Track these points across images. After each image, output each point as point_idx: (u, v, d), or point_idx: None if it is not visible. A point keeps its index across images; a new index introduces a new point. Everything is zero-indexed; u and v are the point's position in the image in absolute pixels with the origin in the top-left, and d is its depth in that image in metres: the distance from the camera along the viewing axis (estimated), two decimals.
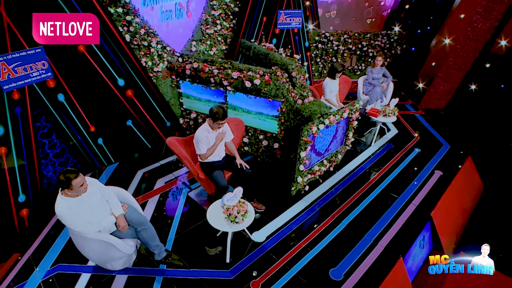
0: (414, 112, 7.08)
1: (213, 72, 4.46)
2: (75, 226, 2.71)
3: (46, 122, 4.44)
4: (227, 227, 3.20)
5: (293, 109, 4.12)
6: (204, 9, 6.04)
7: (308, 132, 3.58)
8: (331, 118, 3.76)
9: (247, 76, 4.20)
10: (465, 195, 5.08)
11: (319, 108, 3.93)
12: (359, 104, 4.31)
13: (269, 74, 4.13)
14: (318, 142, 3.93)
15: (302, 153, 3.69)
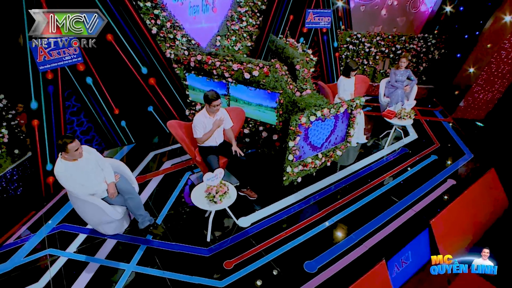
0: (442, 119, 6.68)
1: (216, 65, 4.69)
2: (69, 186, 3.10)
3: (76, 102, 5.00)
4: (206, 206, 3.39)
5: (291, 101, 4.20)
6: (231, 5, 6.30)
7: (297, 122, 3.64)
8: (324, 111, 3.78)
9: (246, 68, 4.37)
10: (481, 208, 4.73)
11: (315, 100, 3.96)
12: (360, 101, 4.25)
13: (268, 67, 4.26)
14: (312, 135, 3.96)
15: (291, 142, 3.76)
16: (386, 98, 6.11)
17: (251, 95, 4.54)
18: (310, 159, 4.10)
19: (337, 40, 7.56)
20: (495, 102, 7.14)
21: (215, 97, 3.78)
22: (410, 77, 6.05)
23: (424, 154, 5.34)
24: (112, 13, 4.77)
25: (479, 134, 6.27)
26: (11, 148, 4.64)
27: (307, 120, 3.69)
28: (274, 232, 3.78)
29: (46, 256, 3.43)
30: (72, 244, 3.56)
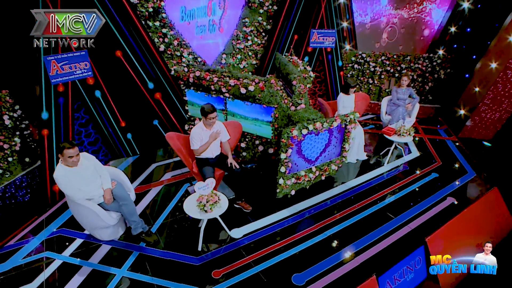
0: (446, 137, 6.61)
1: (213, 80, 4.88)
2: (66, 190, 3.26)
3: (85, 114, 5.26)
4: (197, 215, 3.48)
5: (286, 115, 4.31)
6: (237, 26, 6.58)
7: (289, 135, 3.73)
8: (317, 125, 3.86)
9: (243, 83, 4.54)
10: (483, 228, 4.60)
11: (309, 115, 4.06)
12: (355, 116, 4.31)
13: (263, 82, 4.41)
14: (306, 148, 4.03)
15: (283, 154, 3.83)
16: (387, 115, 6.14)
17: (248, 109, 4.68)
18: (303, 172, 4.15)
19: (342, 59, 7.69)
20: (503, 122, 7.04)
21: (211, 110, 3.93)
22: (412, 95, 6.08)
23: (425, 172, 5.29)
24: (122, 31, 5.08)
25: (485, 153, 6.16)
26: (23, 156, 4.89)
27: (299, 133, 3.77)
28: (265, 244, 3.81)
29: (42, 258, 3.55)
30: (69, 248, 3.68)
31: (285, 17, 6.66)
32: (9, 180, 4.67)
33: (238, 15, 6.51)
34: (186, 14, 5.84)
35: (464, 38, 7.28)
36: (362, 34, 7.95)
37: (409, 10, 7.74)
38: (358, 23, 7.78)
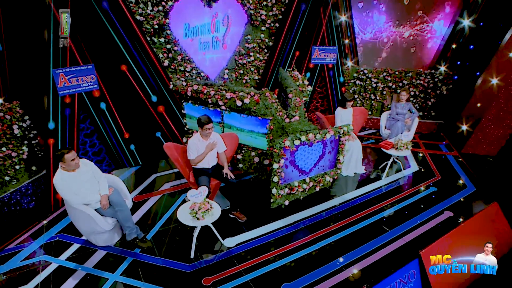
0: (446, 152, 6.58)
1: (210, 94, 5.04)
2: (63, 194, 3.40)
3: (90, 125, 5.48)
4: (190, 222, 3.56)
5: (280, 127, 4.41)
6: (239, 42, 6.81)
7: (281, 145, 3.82)
8: (309, 136, 3.94)
9: (238, 96, 4.68)
10: (482, 243, 4.52)
11: (302, 126, 4.15)
12: (348, 128, 4.38)
13: (258, 95, 4.55)
14: (299, 159, 4.11)
15: (275, 165, 3.91)
16: (387, 130, 6.18)
17: (243, 122, 4.81)
18: (296, 183, 4.21)
19: (343, 75, 7.82)
20: (507, 138, 6.97)
21: (207, 121, 4.07)
22: (411, 110, 6.12)
23: (423, 186, 5.27)
24: (128, 47, 5.34)
25: (487, 169, 6.10)
26: (30, 165, 5.09)
27: (291, 144, 3.86)
28: (257, 253, 3.84)
29: (40, 261, 3.67)
30: (66, 252, 3.79)
31: (286, 34, 6.86)
32: (15, 187, 4.85)
33: (241, 32, 6.74)
34: (190, 31, 6.09)
35: (466, 55, 7.33)
36: (364, 50, 8.09)
37: (410, 28, 7.88)
38: (359, 40, 7.93)
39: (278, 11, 6.79)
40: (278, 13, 6.80)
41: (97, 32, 5.01)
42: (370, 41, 7.98)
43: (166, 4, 5.65)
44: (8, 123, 4.70)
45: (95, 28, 4.96)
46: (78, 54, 4.93)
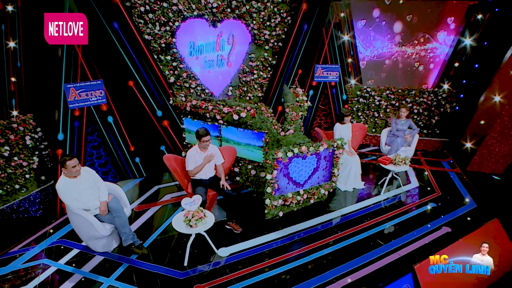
0: (449, 169, 6.54)
1: (209, 108, 5.23)
2: (65, 199, 3.59)
3: (97, 137, 5.74)
4: (183, 229, 3.67)
5: (275, 140, 4.54)
6: (243, 60, 7.07)
7: (274, 157, 3.94)
8: (302, 148, 4.05)
9: (235, 110, 4.86)
10: None
11: (296, 139, 4.27)
12: (342, 142, 4.47)
13: (254, 109, 4.72)
14: (293, 171, 4.20)
15: (268, 175, 4.02)
16: (387, 146, 6.22)
17: (240, 135, 4.98)
18: (290, 194, 4.28)
19: (346, 93, 7.96)
20: None
21: (205, 133, 4.24)
22: (411, 126, 6.17)
23: (422, 202, 5.24)
24: (135, 64, 5.64)
25: (492, 187, 6.02)
26: (39, 175, 5.34)
27: (284, 155, 3.97)
28: (250, 263, 3.89)
29: (40, 265, 3.82)
30: (65, 257, 3.94)
31: (289, 53, 7.10)
32: (24, 195, 5.08)
33: (245, 51, 7.02)
34: (195, 49, 6.40)
35: (469, 73, 7.38)
36: (366, 69, 8.25)
37: (413, 47, 8.02)
38: (362, 58, 8.11)
39: (281, 31, 7.06)
40: (281, 33, 7.07)
41: (107, 50, 5.34)
42: (373, 59, 8.14)
43: (173, 24, 5.98)
44: (21, 134, 4.99)
45: (105, 46, 5.30)
46: (88, 70, 5.25)
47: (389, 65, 8.19)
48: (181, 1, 5.91)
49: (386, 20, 7.77)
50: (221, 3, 6.28)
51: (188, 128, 5.84)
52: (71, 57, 4.98)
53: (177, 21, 5.99)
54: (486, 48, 7.08)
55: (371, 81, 8.29)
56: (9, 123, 4.85)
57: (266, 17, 6.81)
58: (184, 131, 5.93)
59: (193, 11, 6.09)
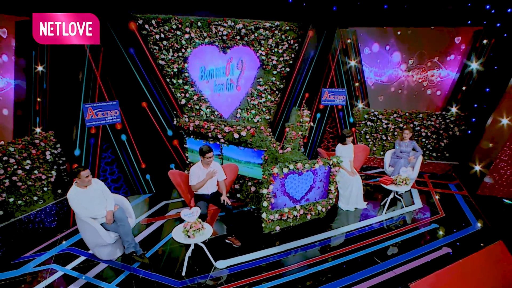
0: (455, 192, 6.46)
1: (211, 128, 5.52)
2: (74, 207, 3.88)
3: (112, 154, 6.12)
4: (182, 239, 3.86)
5: (274, 157, 4.74)
6: (252, 84, 7.43)
7: (270, 172, 4.13)
8: (298, 165, 4.23)
9: (236, 129, 5.13)
10: (485, 282, 4.35)
11: (293, 156, 4.46)
12: (338, 159, 4.61)
13: (254, 128, 4.97)
14: (290, 187, 4.36)
15: (264, 190, 4.19)
16: (390, 167, 6.27)
17: (241, 153, 5.22)
18: (287, 209, 4.41)
19: (353, 116, 8.12)
20: None
21: (208, 150, 4.51)
22: (415, 148, 6.22)
23: (425, 222, 5.22)
24: (149, 86, 6.08)
25: (500, 210, 5.90)
26: (56, 188, 5.71)
27: (280, 171, 4.16)
28: (246, 276, 3.99)
29: (48, 269, 4.08)
30: (72, 263, 4.19)
31: (296, 77, 7.41)
32: (41, 207, 5.43)
33: (254, 75, 7.38)
34: (205, 74, 6.82)
35: (476, 96, 7.42)
36: (374, 92, 8.43)
37: (420, 72, 8.17)
38: (371, 83, 8.32)
39: (289, 56, 7.42)
40: (288, 59, 7.42)
41: (123, 73, 5.81)
42: (381, 83, 8.33)
43: (186, 51, 6.45)
44: (42, 149, 5.41)
45: (122, 70, 5.78)
46: (105, 91, 5.71)
47: (396, 89, 8.33)
48: (193, 30, 6.38)
49: (392, 46, 8.02)
50: (231, 31, 6.73)
51: (190, 148, 6.12)
52: (90, 79, 5.46)
53: (189, 47, 6.46)
54: (492, 72, 7.15)
55: (381, 97, 8.41)
56: (32, 139, 5.28)
57: (274, 43, 7.19)
58: (187, 150, 6.19)
59: (204, 39, 6.55)
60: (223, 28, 6.61)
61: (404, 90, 8.34)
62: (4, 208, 4.79)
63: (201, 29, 6.45)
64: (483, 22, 7.27)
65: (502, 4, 6.81)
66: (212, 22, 6.47)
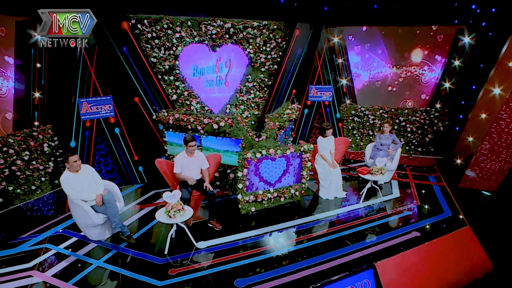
0: (434, 183, 6.73)
1: (190, 121, 5.84)
2: (66, 191, 4.23)
3: (106, 147, 6.48)
4: (164, 219, 4.20)
5: (250, 145, 5.10)
6: (241, 81, 7.76)
7: (244, 157, 4.48)
8: (270, 151, 4.58)
9: (215, 120, 5.47)
10: (449, 265, 4.62)
11: (268, 144, 4.82)
12: (308, 146, 4.95)
13: (231, 119, 5.32)
14: (264, 171, 4.71)
15: (239, 173, 4.54)
16: (371, 159, 6.55)
17: (219, 143, 5.59)
18: (261, 192, 4.76)
19: (340, 112, 8.41)
20: (505, 173, 6.98)
21: (191, 139, 4.84)
22: (395, 141, 6.51)
23: (399, 210, 5.49)
24: (141, 83, 6.44)
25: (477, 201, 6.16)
26: (53, 178, 6.08)
27: (253, 156, 4.50)
28: (223, 254, 4.32)
29: (43, 248, 4.44)
30: (64, 243, 4.55)
31: (283, 74, 7.73)
32: (39, 196, 5.80)
33: (243, 73, 7.72)
34: (198, 71, 7.17)
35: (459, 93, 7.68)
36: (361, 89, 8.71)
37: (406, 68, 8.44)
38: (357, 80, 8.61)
39: (276, 54, 7.75)
40: (276, 56, 7.74)
41: (116, 70, 6.18)
42: (367, 80, 8.62)
43: (176, 49, 6.80)
44: (40, 142, 5.78)
45: (115, 67, 6.14)
46: (99, 86, 6.08)
47: (383, 86, 8.61)
48: (183, 29, 6.74)
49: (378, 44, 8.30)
50: (220, 30, 7.07)
51: (170, 141, 6.42)
52: (85, 75, 5.83)
53: (180, 46, 6.81)
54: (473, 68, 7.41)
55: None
56: (31, 132, 5.65)
57: (262, 42, 7.52)
58: (166, 143, 6.49)
59: (195, 37, 6.90)
60: (212, 27, 6.96)
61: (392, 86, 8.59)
62: (4, 196, 5.16)
63: (191, 28, 6.80)
64: (469, 22, 7.53)
65: (487, 4, 7.08)
66: (202, 22, 6.82)
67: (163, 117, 6.22)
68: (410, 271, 4.34)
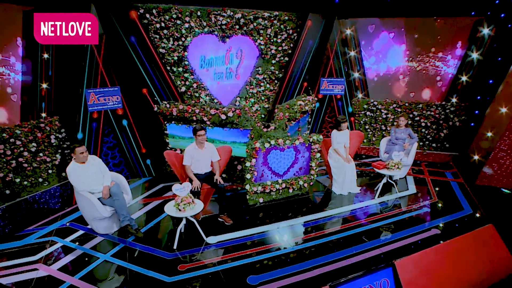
0: (451, 179, 6.48)
1: (195, 112, 5.65)
2: (73, 182, 4.10)
3: (113, 139, 6.35)
4: (173, 212, 4.04)
5: (259, 135, 4.94)
6: (251, 73, 7.57)
7: (252, 146, 4.32)
8: (279, 141, 4.42)
9: (222, 110, 5.29)
10: (471, 264, 4.40)
11: (276, 134, 4.67)
12: (318, 137, 4.77)
13: (239, 109, 5.15)
14: (272, 162, 4.55)
15: (248, 163, 4.38)
16: (385, 154, 6.33)
17: (226, 134, 5.43)
18: (269, 182, 4.61)
19: (352, 106, 8.18)
20: None
21: (200, 128, 4.67)
22: (410, 135, 6.27)
23: (416, 206, 5.28)
24: (149, 74, 6.28)
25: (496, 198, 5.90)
26: (60, 171, 5.97)
27: (262, 146, 4.34)
28: (234, 250, 4.15)
29: (49, 241, 4.32)
30: (71, 236, 4.42)
31: (294, 67, 7.52)
32: (46, 188, 5.69)
33: (253, 65, 7.52)
34: (205, 62, 6.99)
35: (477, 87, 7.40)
36: (374, 82, 8.46)
37: (422, 62, 8.17)
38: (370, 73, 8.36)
39: (288, 46, 7.53)
40: (287, 48, 7.53)
41: (124, 60, 6.02)
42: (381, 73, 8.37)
43: (186, 40, 6.63)
44: (48, 133, 5.66)
45: (123, 57, 5.99)
46: (107, 77, 5.94)
47: (396, 79, 8.35)
48: (193, 19, 6.56)
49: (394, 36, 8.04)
50: (230, 21, 6.88)
51: (172, 133, 6.22)
52: (92, 66, 5.69)
53: (189, 36, 6.63)
54: (492, 61, 7.12)
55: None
56: (38, 123, 5.53)
57: (273, 33, 7.31)
58: (168, 136, 6.31)
59: (204, 28, 6.72)
60: (222, 18, 6.77)
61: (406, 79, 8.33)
62: (11, 188, 5.05)
63: (200, 18, 6.62)
64: (487, 13, 7.23)
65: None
66: (212, 12, 6.63)
67: (164, 109, 6.03)
68: (430, 270, 4.13)
